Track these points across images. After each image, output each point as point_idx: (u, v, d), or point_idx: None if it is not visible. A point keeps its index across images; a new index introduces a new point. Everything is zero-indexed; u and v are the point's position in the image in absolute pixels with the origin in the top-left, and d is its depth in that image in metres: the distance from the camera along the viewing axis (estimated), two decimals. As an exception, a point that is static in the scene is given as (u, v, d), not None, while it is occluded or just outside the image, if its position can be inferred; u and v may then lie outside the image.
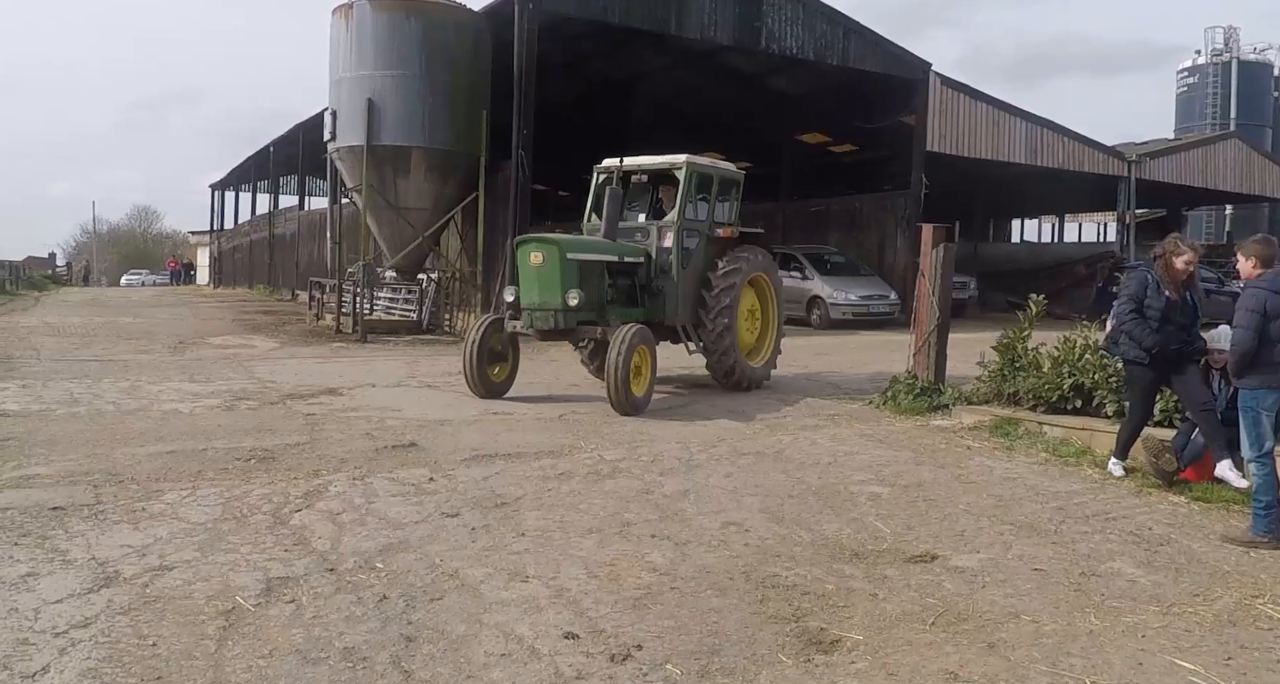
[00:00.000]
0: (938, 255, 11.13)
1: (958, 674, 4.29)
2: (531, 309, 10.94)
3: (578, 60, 27.27)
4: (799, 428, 9.95)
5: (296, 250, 35.93)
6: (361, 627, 4.61)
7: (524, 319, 11.05)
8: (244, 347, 17.54)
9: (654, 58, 27.50)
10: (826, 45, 24.46)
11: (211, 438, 8.68)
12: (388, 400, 11.09)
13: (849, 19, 24.83)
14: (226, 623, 4.61)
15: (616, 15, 21.41)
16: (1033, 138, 29.26)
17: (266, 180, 42.97)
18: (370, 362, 15.13)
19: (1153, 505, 7.22)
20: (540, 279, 10.84)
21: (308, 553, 5.63)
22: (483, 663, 4.27)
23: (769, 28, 23.43)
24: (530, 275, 10.93)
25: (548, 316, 10.84)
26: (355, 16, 20.23)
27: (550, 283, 10.76)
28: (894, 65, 25.83)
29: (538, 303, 10.89)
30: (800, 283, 25.14)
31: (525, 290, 11.01)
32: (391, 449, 8.36)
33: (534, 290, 10.91)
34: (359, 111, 19.95)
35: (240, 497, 6.74)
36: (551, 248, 10.79)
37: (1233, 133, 41.74)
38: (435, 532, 6.08)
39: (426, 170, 20.46)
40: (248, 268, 46.07)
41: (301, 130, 31.66)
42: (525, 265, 10.98)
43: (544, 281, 10.82)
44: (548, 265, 10.77)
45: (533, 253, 10.85)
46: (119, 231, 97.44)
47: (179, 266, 69.11)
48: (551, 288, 10.76)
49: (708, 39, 22.98)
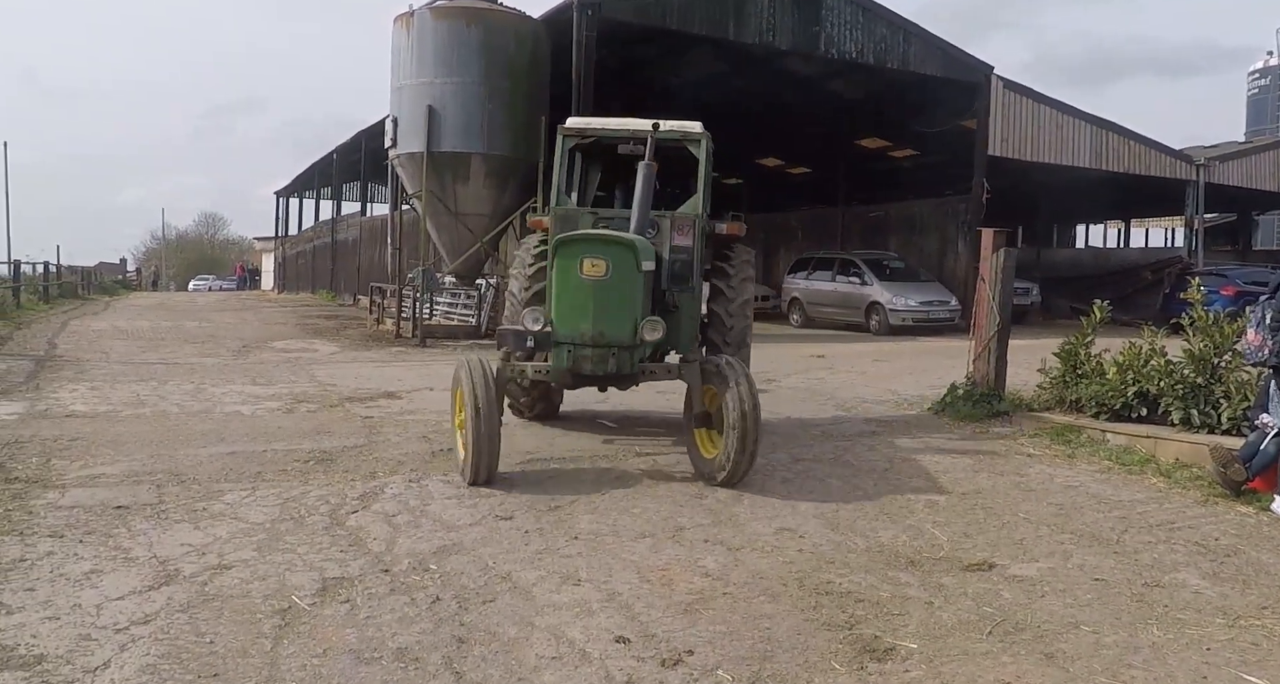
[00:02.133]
0: (998, 260, 10.97)
1: (1014, 685, 4.21)
2: (578, 345, 7.27)
3: (635, 66, 27.31)
4: (855, 434, 9.86)
5: (358, 256, 36.38)
6: (414, 627, 4.64)
7: (556, 359, 7.37)
8: (305, 350, 17.78)
9: (711, 63, 27.45)
10: (886, 49, 24.26)
11: (271, 440, 8.81)
12: (445, 404, 11.08)
13: (909, 22, 24.61)
14: (282, 622, 4.66)
15: (674, 20, 21.42)
16: (1097, 141, 28.76)
17: (329, 187, 43.60)
18: (429, 366, 15.25)
19: (1219, 516, 7.04)
20: (599, 299, 7.24)
21: (363, 554, 5.68)
22: (534, 665, 4.27)
23: (828, 32, 23.30)
24: (580, 293, 7.26)
25: (604, 357, 7.27)
26: (416, 24, 20.45)
27: (616, 305, 7.29)
28: (955, 69, 25.54)
29: (591, 335, 7.24)
30: (859, 288, 24.94)
31: (568, 316, 7.31)
32: (447, 452, 8.40)
33: (584, 316, 7.26)
34: (419, 118, 20.16)
35: (298, 498, 6.83)
36: (624, 254, 7.30)
37: (1306, 135, 40.79)
38: (489, 534, 6.10)
39: (485, 176, 20.61)
40: (310, 273, 46.75)
41: (364, 137, 32.08)
42: (571, 278, 7.31)
43: (605, 303, 7.27)
44: (615, 279, 7.24)
45: (588, 260, 7.22)
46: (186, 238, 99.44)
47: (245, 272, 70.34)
48: (618, 313, 7.29)
49: (766, 44, 22.89)
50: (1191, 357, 8.94)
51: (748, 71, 27.84)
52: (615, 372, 7.39)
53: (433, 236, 21.65)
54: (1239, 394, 8.52)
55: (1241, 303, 13.04)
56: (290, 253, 53.24)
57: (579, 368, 7.33)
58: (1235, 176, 32.69)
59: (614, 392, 8.99)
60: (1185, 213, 32.87)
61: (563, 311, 7.33)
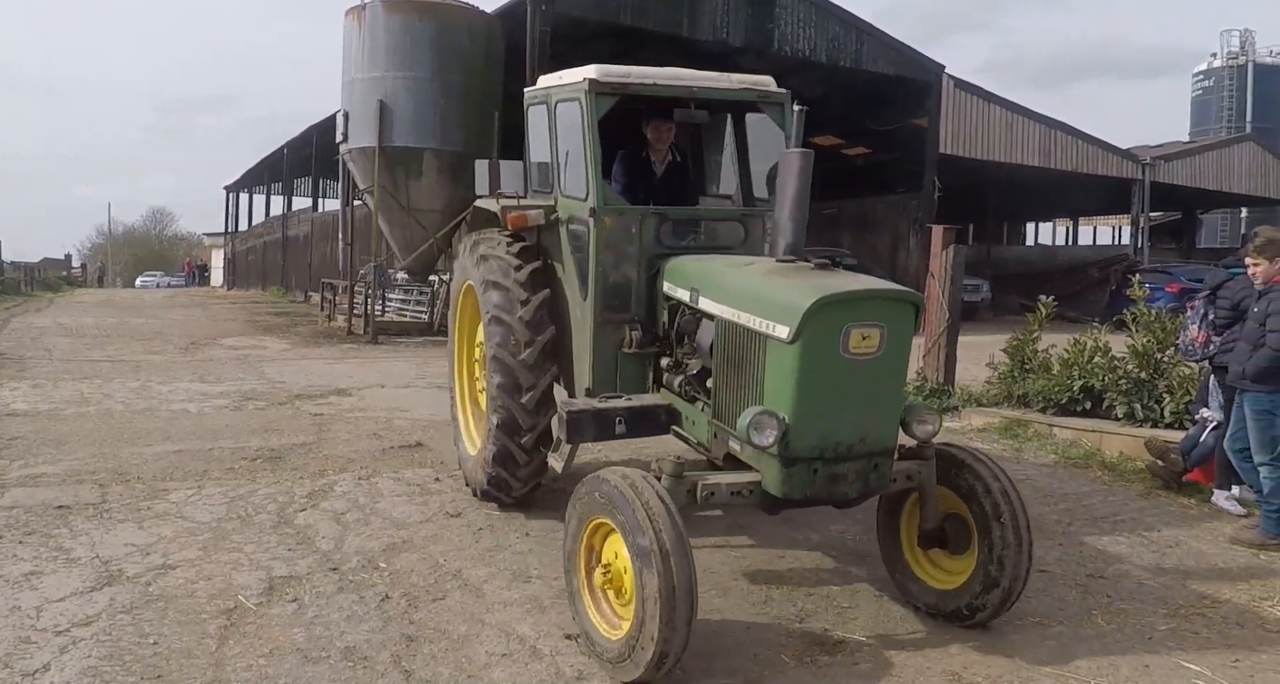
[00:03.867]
0: (947, 257, 11.08)
1: (961, 675, 4.26)
2: (830, 459, 4.52)
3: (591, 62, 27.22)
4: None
5: (309, 252, 35.99)
6: (363, 626, 4.60)
7: (791, 480, 4.51)
8: (255, 347, 17.57)
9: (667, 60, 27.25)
10: (839, 47, 24.38)
11: (219, 438, 8.69)
12: (396, 401, 11.09)
13: (862, 21, 24.76)
14: (228, 622, 4.61)
15: (629, 16, 21.38)
16: (1046, 140, 29.13)
17: (280, 182, 43.10)
18: (380, 363, 15.13)
19: (1162, 508, 7.16)
20: (867, 386, 4.57)
21: (311, 552, 5.63)
22: (484, 663, 4.26)
23: (781, 30, 23.38)
24: (840, 380, 4.49)
25: (864, 472, 4.62)
26: (368, 18, 20.25)
27: (888, 393, 4.67)
28: (907, 67, 25.74)
29: (850, 442, 4.55)
30: (812, 285, 25.05)
31: (816, 415, 4.49)
32: (398, 449, 8.35)
33: (841, 414, 4.54)
34: (371, 113, 19.96)
35: (245, 496, 6.75)
36: (902, 315, 4.58)
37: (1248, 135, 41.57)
38: (439, 531, 6.07)
39: (438, 172, 20.45)
40: (261, 269, 46.19)
41: (315, 132, 31.74)
42: (829, 358, 4.42)
43: (876, 391, 4.61)
44: (889, 355, 4.55)
45: (859, 330, 4.41)
46: (134, 233, 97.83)
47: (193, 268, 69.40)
48: (888, 404, 4.69)
49: (720, 41, 22.90)
50: (1135, 352, 9.08)
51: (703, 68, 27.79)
52: (874, 488, 4.68)
53: (385, 232, 21.47)
54: (1181, 389, 8.67)
55: (1184, 300, 13.28)
56: (240, 249, 52.56)
57: (828, 491, 4.54)
58: (1180, 176, 33.27)
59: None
60: (1131, 211, 33.41)
61: (808, 409, 4.40)
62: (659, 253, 5.70)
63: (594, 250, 5.59)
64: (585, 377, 5.81)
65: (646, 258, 5.71)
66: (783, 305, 4.40)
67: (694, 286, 5.26)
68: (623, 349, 5.73)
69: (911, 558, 5.15)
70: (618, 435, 5.23)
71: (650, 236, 5.71)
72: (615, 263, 5.68)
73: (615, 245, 5.64)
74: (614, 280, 5.70)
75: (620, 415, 5.18)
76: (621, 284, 5.72)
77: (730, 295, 4.87)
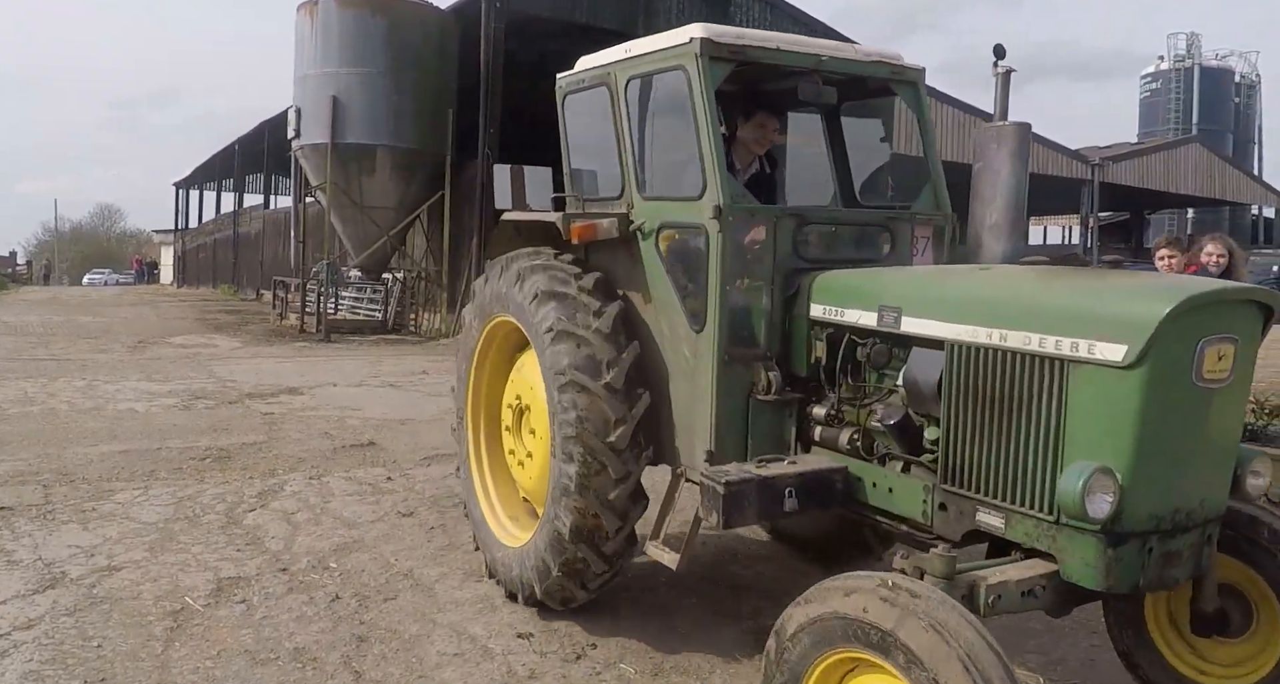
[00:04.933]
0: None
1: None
2: (1170, 529, 3.24)
3: (545, 60, 27.08)
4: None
5: (261, 249, 35.62)
6: (313, 627, 4.56)
7: (1132, 561, 3.17)
8: (205, 346, 17.35)
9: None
10: (794, 47, 24.50)
11: (166, 437, 8.57)
12: (349, 400, 10.99)
13: (816, 21, 24.91)
14: (174, 624, 4.55)
15: (584, 14, 21.38)
16: (997, 140, 29.45)
17: (231, 179, 42.59)
18: (333, 361, 15.00)
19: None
20: (1214, 423, 3.27)
21: (260, 553, 5.57)
22: (435, 663, 4.23)
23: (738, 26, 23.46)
24: (1190, 413, 3.20)
25: (1199, 547, 3.36)
26: (320, 13, 20.08)
27: (1230, 434, 3.38)
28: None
29: (1190, 503, 3.29)
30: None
31: (1155, 472, 3.16)
32: (350, 448, 8.28)
33: (1186, 462, 3.25)
34: (323, 109, 19.80)
35: (193, 496, 6.66)
36: (1253, 320, 3.31)
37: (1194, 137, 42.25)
38: (391, 531, 6.03)
39: (392, 169, 20.34)
40: (211, 267, 45.63)
41: (267, 128, 31.39)
42: (1177, 390, 3.13)
43: (1219, 431, 3.31)
44: (1237, 382, 3.30)
45: (1217, 346, 3.15)
46: (81, 230, 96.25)
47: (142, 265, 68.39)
48: (1228, 451, 3.42)
49: (676, 40, 22.95)
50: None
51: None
52: (1204, 569, 3.46)
53: (338, 230, 21.31)
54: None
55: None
56: (190, 246, 51.88)
57: (1159, 577, 3.29)
58: (1128, 176, 33.81)
59: None
60: (1081, 211, 33.89)
61: (1151, 462, 3.17)
62: (797, 268, 4.31)
63: (718, 264, 4.10)
64: (703, 436, 4.25)
65: (782, 274, 4.30)
66: (1112, 317, 3.13)
67: (886, 304, 3.89)
68: (755, 396, 4.22)
69: (1169, 649, 3.86)
70: (787, 512, 3.90)
71: (787, 246, 4.32)
72: (744, 281, 4.25)
73: (743, 258, 4.24)
74: (742, 304, 4.25)
75: (790, 485, 3.83)
76: (751, 309, 4.29)
77: (979, 310, 3.53)
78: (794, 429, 4.31)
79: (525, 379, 4.97)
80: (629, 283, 4.67)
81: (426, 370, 13.86)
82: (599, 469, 4.28)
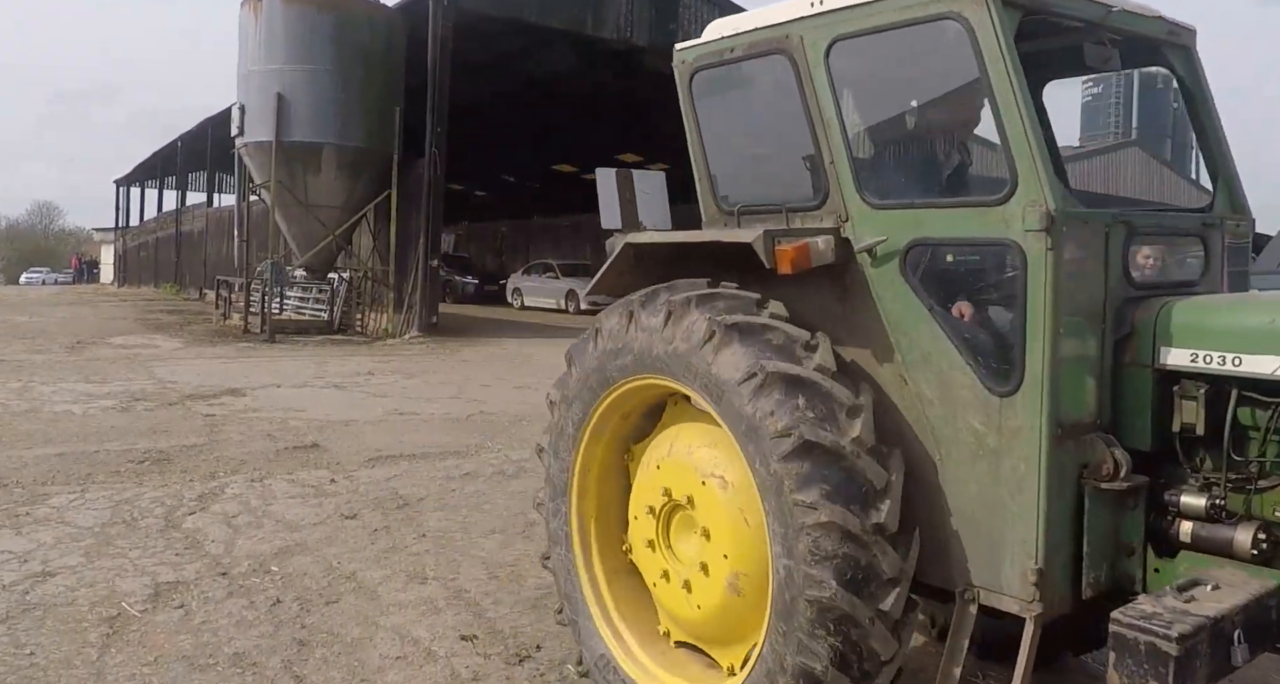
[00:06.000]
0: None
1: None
2: None
3: (496, 60, 27.04)
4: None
5: (204, 248, 35.14)
6: (253, 631, 4.49)
7: None
8: (146, 346, 17.06)
9: (573, 58, 27.38)
10: (742, 49, 24.61)
11: (104, 440, 8.41)
12: (292, 401, 10.87)
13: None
14: (110, 630, 4.46)
15: (533, 14, 21.31)
16: (943, 143, 29.80)
17: (174, 176, 41.95)
18: (277, 362, 14.82)
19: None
20: None
21: (200, 557, 5.48)
22: (377, 666, 4.19)
23: (685, 29, 23.48)
24: None
25: None
26: (265, 9, 19.86)
27: None
28: (808, 69, 26.10)
29: None
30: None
31: None
32: (292, 450, 8.18)
33: None
34: (268, 106, 19.58)
35: (131, 500, 6.54)
36: None
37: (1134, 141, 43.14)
38: (333, 533, 5.96)
39: (338, 167, 20.16)
40: (153, 266, 44.92)
41: (210, 125, 30.98)
42: None
43: None
44: None
45: None
46: (18, 228, 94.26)
47: (82, 264, 67.16)
48: None
49: (624, 39, 22.97)
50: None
51: (609, 67, 27.89)
52: None
53: (282, 229, 21.07)
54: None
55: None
56: (132, 245, 51.01)
57: None
58: (1070, 179, 34.34)
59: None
60: (1024, 213, 34.37)
61: None
62: (1128, 298, 3.18)
63: (1046, 297, 2.88)
64: (1020, 545, 2.98)
65: (1114, 308, 3.14)
66: None
67: None
68: (1089, 482, 3.02)
69: None
70: (1234, 666, 2.74)
71: (1118, 268, 3.16)
72: (1073, 316, 3.00)
73: (1071, 284, 2.97)
74: (1071, 352, 3.02)
75: (1237, 627, 2.71)
76: (1077, 359, 3.07)
77: None
78: (1142, 528, 3.11)
79: (682, 464, 3.56)
80: (837, 327, 3.38)
81: (372, 371, 13.74)
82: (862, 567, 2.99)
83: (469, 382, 12.76)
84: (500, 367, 14.87)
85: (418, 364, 14.89)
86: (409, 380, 12.78)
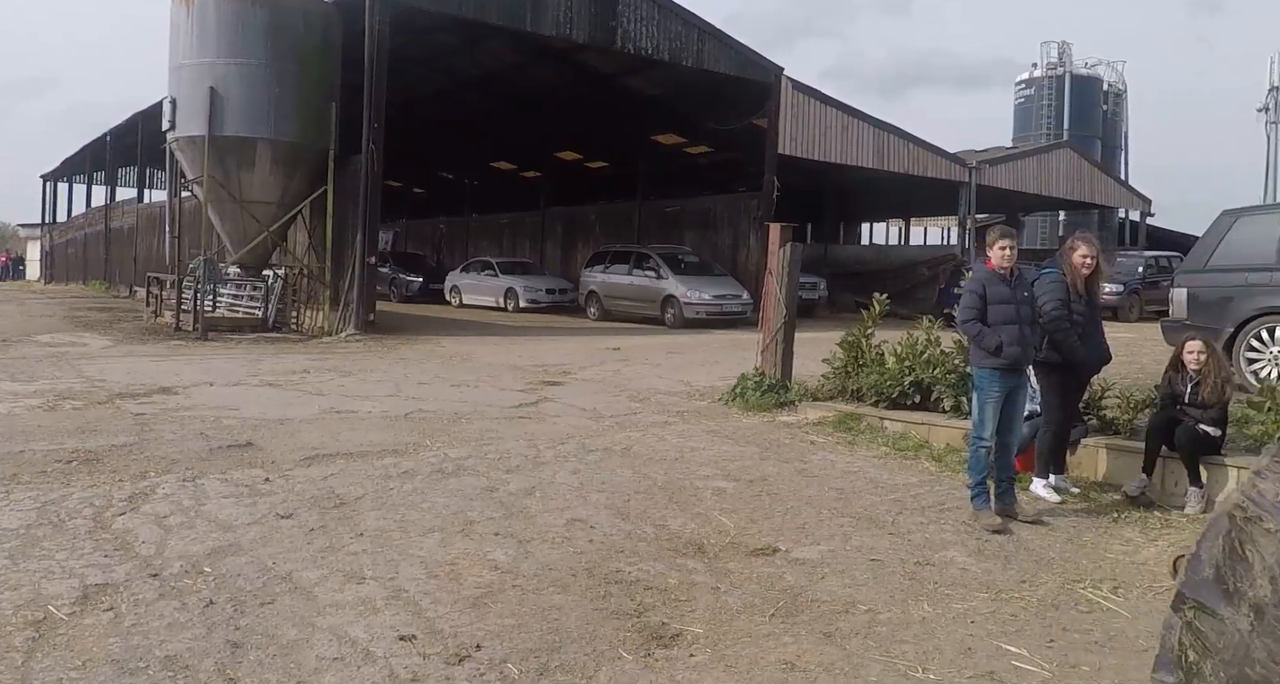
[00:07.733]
0: (785, 254, 11.33)
1: (794, 664, 4.34)
2: None
3: (434, 55, 26.83)
4: (648, 425, 9.97)
5: (135, 245, 34.40)
6: (185, 634, 4.40)
7: None
8: (74, 344, 16.66)
9: (511, 55, 27.26)
10: (681, 47, 24.63)
11: (30, 439, 8.19)
12: (226, 399, 10.67)
13: (703, 21, 25.07)
14: (36, 634, 4.34)
15: (471, 10, 21.13)
16: (880, 143, 30.10)
17: (103, 171, 41.02)
18: (210, 360, 14.55)
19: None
20: None
21: (130, 558, 5.35)
22: (314, 668, 4.12)
23: (624, 27, 23.48)
24: None
25: None
26: (197, 2, 19.48)
27: None
28: (747, 68, 26.20)
29: None
30: (655, 282, 25.32)
31: None
32: (226, 449, 8.04)
33: None
34: (200, 100, 19.22)
35: (58, 500, 6.37)
36: None
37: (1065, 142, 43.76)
38: (269, 533, 5.86)
39: (272, 162, 19.84)
40: (82, 263, 43.90)
41: (141, 119, 30.30)
42: None
43: None
44: None
45: None
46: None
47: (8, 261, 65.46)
48: None
49: (564, 37, 22.88)
50: (961, 347, 9.46)
51: (547, 64, 27.80)
52: None
53: (215, 225, 20.69)
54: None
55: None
56: (59, 241, 49.78)
57: None
58: (1003, 179, 34.87)
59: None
60: (959, 212, 34.82)
61: None
62: None
63: None
64: None
65: None
66: None
67: None
68: None
69: None
70: None
71: None
72: None
73: None
74: None
75: None
76: None
77: None
78: None
79: None
80: None
81: (308, 369, 13.54)
82: None
83: (407, 380, 12.63)
84: (438, 365, 14.76)
85: (354, 362, 14.72)
86: (345, 378, 12.63)
